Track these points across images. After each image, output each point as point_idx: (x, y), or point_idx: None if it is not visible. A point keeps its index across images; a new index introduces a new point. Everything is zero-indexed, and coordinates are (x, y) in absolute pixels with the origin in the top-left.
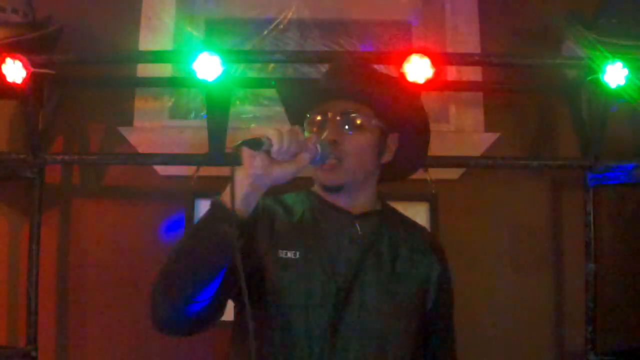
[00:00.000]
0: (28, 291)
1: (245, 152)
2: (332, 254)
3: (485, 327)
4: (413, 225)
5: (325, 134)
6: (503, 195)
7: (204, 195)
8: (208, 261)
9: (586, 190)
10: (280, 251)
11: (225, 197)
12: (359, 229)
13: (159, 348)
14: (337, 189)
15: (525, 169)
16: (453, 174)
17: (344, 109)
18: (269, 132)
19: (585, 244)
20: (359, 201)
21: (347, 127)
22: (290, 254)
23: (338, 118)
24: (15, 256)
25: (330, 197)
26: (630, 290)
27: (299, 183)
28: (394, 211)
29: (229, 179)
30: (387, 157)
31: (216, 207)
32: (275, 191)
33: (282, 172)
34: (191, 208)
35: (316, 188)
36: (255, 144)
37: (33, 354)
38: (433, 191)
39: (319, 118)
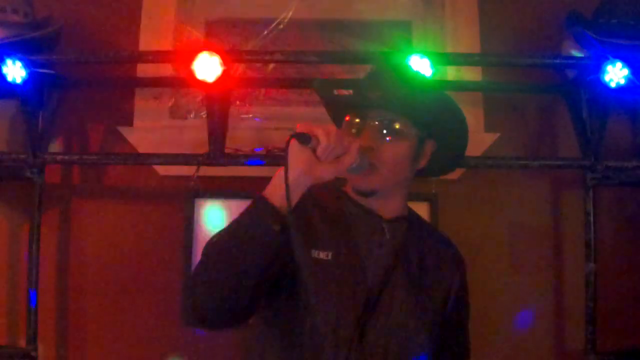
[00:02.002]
0: (28, 291)
1: (294, 145)
2: (363, 258)
3: (485, 326)
4: (438, 233)
5: (362, 140)
6: (503, 195)
7: (204, 195)
8: (251, 258)
9: (586, 190)
10: (313, 250)
11: (269, 192)
12: (387, 234)
13: (159, 348)
14: (369, 194)
15: (525, 169)
16: (453, 174)
17: (383, 116)
18: (318, 130)
19: (585, 244)
20: (390, 206)
21: (384, 134)
22: (322, 255)
23: (376, 124)
24: (15, 256)
25: (362, 200)
26: (630, 290)
27: None
28: (419, 217)
29: (283, 171)
30: (422, 163)
31: (260, 202)
32: None
33: (324, 172)
34: (191, 208)
35: (347, 188)
36: (304, 139)
37: (33, 354)
38: (433, 191)
39: (357, 121)
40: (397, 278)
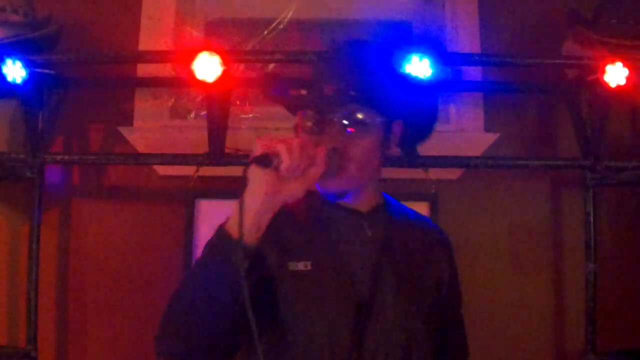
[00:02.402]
0: (28, 291)
1: (253, 171)
2: (346, 260)
3: (485, 327)
4: (417, 215)
5: (324, 140)
6: (503, 195)
7: (204, 195)
8: (219, 296)
9: (586, 190)
10: (290, 263)
11: (232, 223)
12: (368, 230)
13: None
14: (341, 195)
15: (525, 169)
16: (453, 174)
17: (345, 110)
18: (278, 146)
19: (585, 244)
20: (365, 198)
21: (349, 130)
22: (301, 266)
23: (337, 119)
24: (15, 256)
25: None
26: (630, 290)
27: None
28: (395, 202)
29: (240, 202)
30: (392, 146)
31: (223, 237)
32: None
33: (292, 190)
34: (191, 208)
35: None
36: (264, 161)
37: (33, 354)
38: (433, 191)
39: (310, 124)
40: (386, 276)
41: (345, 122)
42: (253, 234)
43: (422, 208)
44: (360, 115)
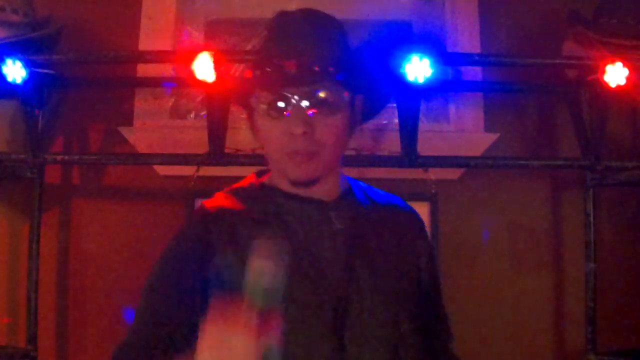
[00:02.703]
0: (28, 291)
1: None
2: (316, 259)
3: (485, 327)
4: (387, 199)
5: (288, 125)
6: (503, 195)
7: (204, 195)
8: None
9: (586, 190)
10: (258, 265)
11: None
12: (337, 223)
13: None
14: (310, 184)
15: (525, 169)
16: (453, 174)
17: (309, 90)
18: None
19: (585, 244)
20: (331, 184)
21: (316, 111)
22: None
23: (304, 103)
24: (15, 256)
25: (295, 189)
26: (630, 290)
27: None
28: (359, 184)
29: None
30: (358, 123)
31: None
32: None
33: None
34: (191, 208)
35: (272, 179)
36: None
37: (33, 354)
38: (433, 191)
39: (276, 99)
40: (361, 270)
41: (311, 102)
42: None
43: (422, 208)
44: (327, 94)
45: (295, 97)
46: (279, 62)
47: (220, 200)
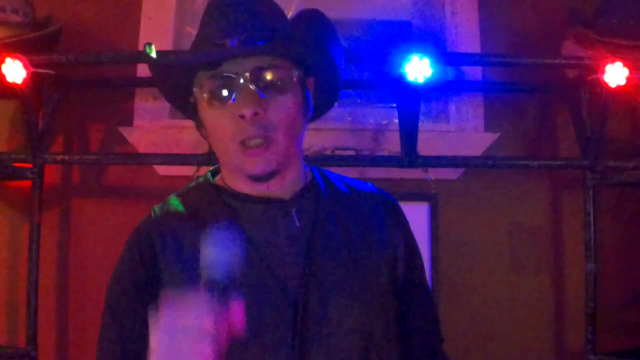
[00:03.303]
0: (28, 291)
1: None
2: (273, 263)
3: (485, 327)
4: (355, 188)
5: (237, 107)
6: (503, 195)
7: None
8: None
9: (586, 190)
10: (203, 273)
11: None
12: (297, 221)
13: None
14: (270, 176)
15: (525, 169)
16: (453, 174)
17: (254, 66)
18: None
19: (585, 244)
20: (289, 179)
21: (264, 90)
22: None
23: (248, 78)
24: (15, 256)
25: (248, 187)
26: (630, 290)
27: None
28: (323, 173)
29: None
30: (310, 110)
31: None
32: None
33: None
34: None
35: (225, 177)
36: None
37: (33, 354)
38: (433, 191)
39: (210, 87)
40: (323, 273)
41: (258, 84)
42: None
43: (422, 208)
44: (274, 74)
45: (241, 79)
46: (216, 40)
47: (168, 205)
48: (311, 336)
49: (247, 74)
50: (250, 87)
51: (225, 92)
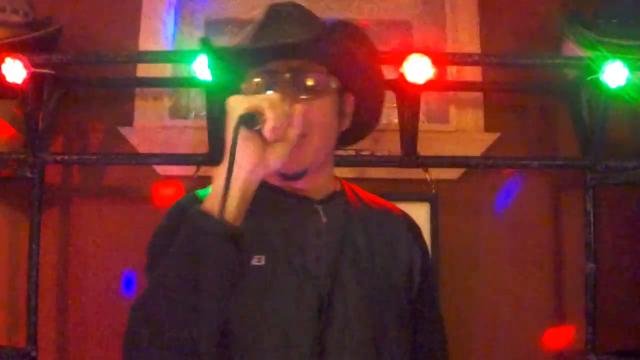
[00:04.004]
0: (28, 291)
1: (243, 133)
2: (300, 254)
3: (485, 327)
4: (382, 204)
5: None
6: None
7: None
8: (209, 300)
9: (586, 190)
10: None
11: (212, 204)
12: (323, 217)
13: None
14: (300, 175)
15: (525, 169)
16: (453, 174)
17: (296, 67)
18: (259, 103)
19: (585, 244)
20: (319, 182)
21: (302, 90)
22: (255, 260)
23: (289, 79)
24: (15, 256)
25: (283, 183)
26: (630, 290)
27: None
28: (352, 187)
29: (223, 176)
30: (346, 125)
31: (208, 226)
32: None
33: (276, 158)
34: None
35: None
36: (252, 120)
37: (33, 354)
38: (433, 191)
39: (257, 80)
40: (346, 269)
41: (298, 81)
42: (241, 214)
43: (422, 208)
44: (313, 74)
45: (285, 75)
46: (272, 40)
47: (207, 191)
48: (331, 327)
49: (291, 74)
50: (292, 84)
51: (268, 87)
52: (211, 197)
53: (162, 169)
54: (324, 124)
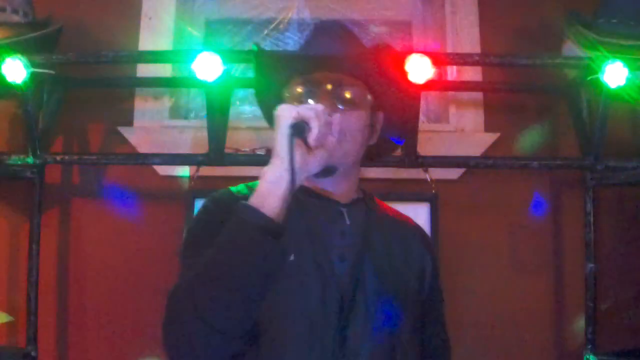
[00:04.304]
0: (28, 291)
1: (291, 140)
2: (326, 252)
3: (485, 327)
4: (397, 213)
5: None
6: (503, 195)
7: (204, 195)
8: (253, 288)
9: (586, 190)
10: None
11: (259, 202)
12: (348, 219)
13: (159, 348)
14: (330, 172)
15: (525, 169)
16: (453, 174)
17: (337, 80)
18: (306, 113)
19: (585, 244)
20: (346, 188)
21: (340, 101)
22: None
23: (330, 90)
24: (15, 256)
25: (313, 185)
26: (630, 290)
27: None
28: (373, 197)
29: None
30: (373, 139)
31: (254, 219)
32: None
33: (315, 163)
34: (191, 208)
35: None
36: (301, 129)
37: (33, 354)
38: (433, 191)
39: (300, 90)
40: (367, 268)
41: (338, 93)
42: (283, 212)
43: (422, 208)
44: (351, 89)
45: (327, 86)
46: (314, 55)
47: (240, 189)
48: (353, 321)
49: (332, 86)
50: (332, 95)
51: (310, 96)
52: (257, 194)
53: (162, 169)
54: (356, 133)
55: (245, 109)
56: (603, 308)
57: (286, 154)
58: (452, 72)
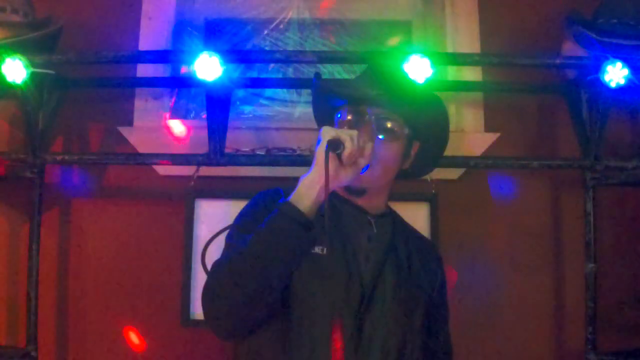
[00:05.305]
0: (28, 291)
1: (326, 153)
2: (354, 252)
3: (485, 327)
4: (418, 232)
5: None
6: (503, 195)
7: (204, 195)
8: (283, 266)
9: (586, 190)
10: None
11: (297, 200)
12: (375, 228)
13: (159, 348)
14: (360, 193)
15: (525, 169)
16: (453, 174)
17: (379, 113)
18: (342, 135)
19: (585, 244)
20: (375, 204)
21: (380, 132)
22: (318, 249)
23: (372, 122)
24: (15, 256)
25: (348, 196)
26: (630, 290)
27: None
28: (399, 216)
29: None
30: (407, 164)
31: (292, 212)
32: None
33: (345, 177)
34: (191, 208)
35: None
36: (336, 146)
37: (33, 354)
38: (433, 191)
39: (349, 118)
40: (388, 271)
41: (378, 125)
42: (313, 211)
43: (422, 208)
44: (391, 122)
45: (370, 117)
46: (361, 87)
47: (288, 190)
48: (370, 314)
49: (375, 118)
50: (371, 126)
51: (354, 124)
52: (296, 195)
53: (162, 169)
54: (389, 161)
55: (245, 109)
56: (603, 308)
57: (322, 164)
58: (452, 72)
